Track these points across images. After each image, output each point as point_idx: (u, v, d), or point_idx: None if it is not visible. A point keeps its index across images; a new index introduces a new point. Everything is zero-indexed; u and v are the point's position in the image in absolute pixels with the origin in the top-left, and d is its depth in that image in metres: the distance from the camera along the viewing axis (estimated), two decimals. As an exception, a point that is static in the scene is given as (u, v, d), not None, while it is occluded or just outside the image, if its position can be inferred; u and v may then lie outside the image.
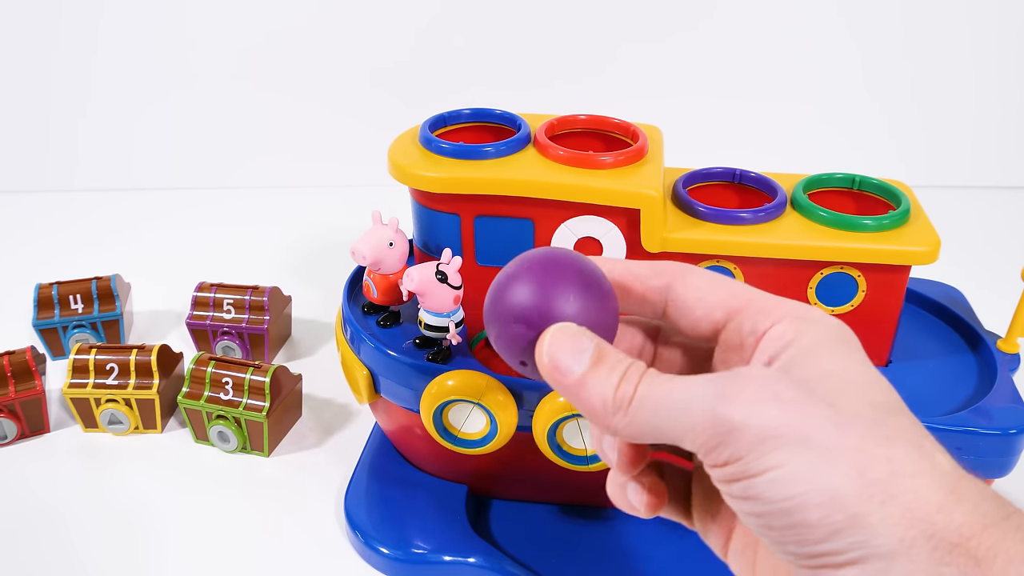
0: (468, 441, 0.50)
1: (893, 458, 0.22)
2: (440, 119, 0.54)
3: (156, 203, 1.04)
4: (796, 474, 0.22)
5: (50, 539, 0.55)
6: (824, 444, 0.22)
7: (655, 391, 0.25)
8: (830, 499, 0.22)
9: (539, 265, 0.26)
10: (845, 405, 0.23)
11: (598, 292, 0.26)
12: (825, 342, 0.25)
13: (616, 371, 0.25)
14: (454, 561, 0.51)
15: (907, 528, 0.22)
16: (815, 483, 0.22)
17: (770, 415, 0.23)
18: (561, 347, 0.25)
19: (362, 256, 0.50)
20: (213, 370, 0.62)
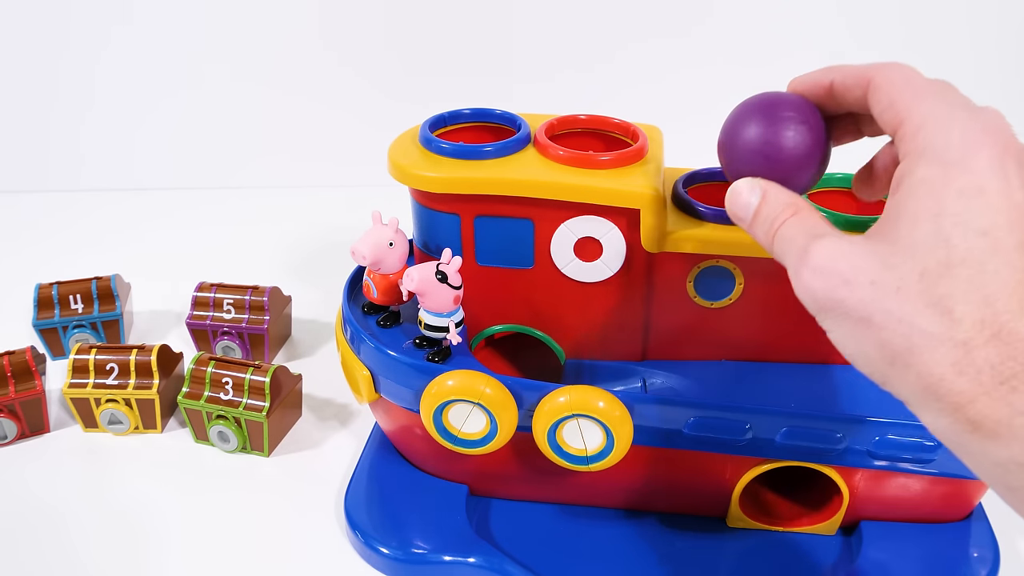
0: (468, 441, 0.50)
1: (917, 329, 0.28)
2: (440, 119, 0.54)
3: (156, 203, 1.04)
4: (840, 339, 0.31)
5: (50, 539, 0.55)
6: (863, 317, 0.29)
7: (781, 235, 0.34)
8: (865, 360, 0.30)
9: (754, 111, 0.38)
10: (895, 273, 0.29)
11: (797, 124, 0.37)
12: (929, 190, 0.29)
13: (766, 222, 0.35)
14: (454, 561, 0.51)
15: (922, 390, 0.28)
16: (852, 348, 0.31)
17: (822, 293, 0.31)
18: (734, 203, 0.36)
19: (362, 256, 0.50)
20: (213, 370, 0.62)
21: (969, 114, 0.30)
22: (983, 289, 0.27)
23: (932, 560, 0.50)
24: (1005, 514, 0.55)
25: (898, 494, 0.51)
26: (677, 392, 0.52)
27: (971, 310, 0.27)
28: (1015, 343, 0.26)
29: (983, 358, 0.26)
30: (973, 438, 0.27)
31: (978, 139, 0.29)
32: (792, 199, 0.34)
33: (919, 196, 0.29)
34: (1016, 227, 0.27)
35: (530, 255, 0.50)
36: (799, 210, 0.33)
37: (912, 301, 0.28)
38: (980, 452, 0.27)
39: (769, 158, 0.36)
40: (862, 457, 0.49)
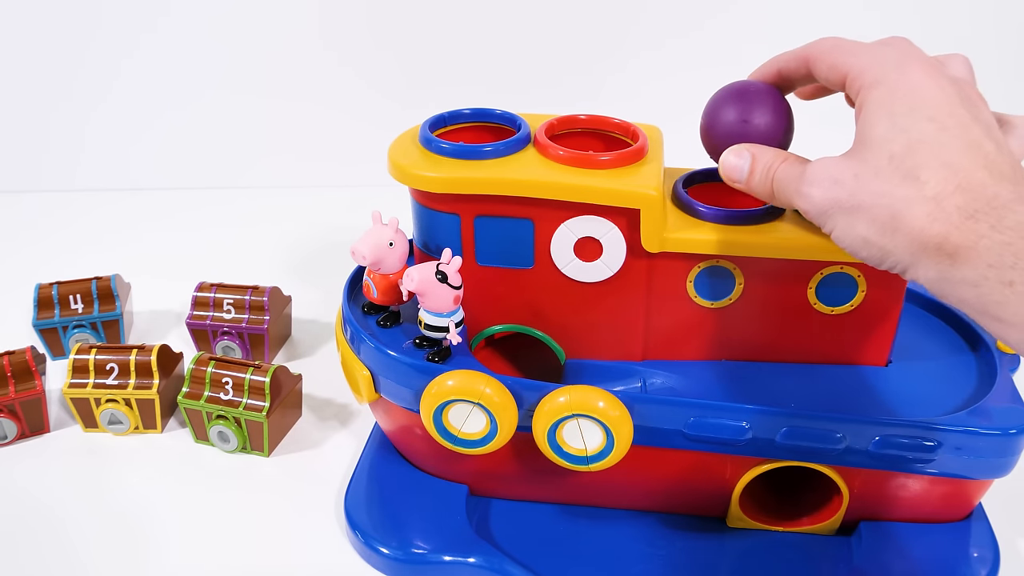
0: (468, 441, 0.50)
1: (896, 198, 0.35)
2: (440, 119, 0.54)
3: (156, 203, 1.04)
4: (842, 233, 0.37)
5: (50, 539, 0.55)
6: (854, 205, 0.36)
7: (780, 175, 0.40)
8: (864, 243, 0.36)
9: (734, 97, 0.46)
10: (871, 164, 0.36)
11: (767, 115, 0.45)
12: (880, 103, 0.37)
13: (761, 172, 0.41)
14: (454, 561, 0.51)
15: (912, 246, 0.34)
16: (851, 237, 0.36)
17: (820, 197, 0.37)
18: (728, 165, 0.43)
19: (362, 256, 0.50)
20: (213, 370, 0.62)
21: (892, 48, 0.38)
22: (941, 157, 0.34)
23: (932, 560, 0.50)
24: (1005, 514, 0.55)
25: (898, 494, 0.51)
26: (677, 392, 0.52)
27: (935, 173, 0.34)
28: (974, 188, 0.33)
29: (952, 205, 0.33)
30: (952, 267, 0.33)
31: (906, 59, 0.37)
32: (777, 151, 0.41)
33: (875, 109, 0.36)
34: (954, 111, 0.35)
35: (530, 255, 0.50)
36: (787, 157, 0.41)
37: (888, 179, 0.35)
38: (960, 279, 0.33)
39: (744, 133, 0.45)
40: (862, 457, 0.48)
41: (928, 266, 0.34)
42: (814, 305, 0.50)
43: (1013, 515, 0.56)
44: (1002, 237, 0.32)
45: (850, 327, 0.51)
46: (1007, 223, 0.32)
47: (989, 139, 0.35)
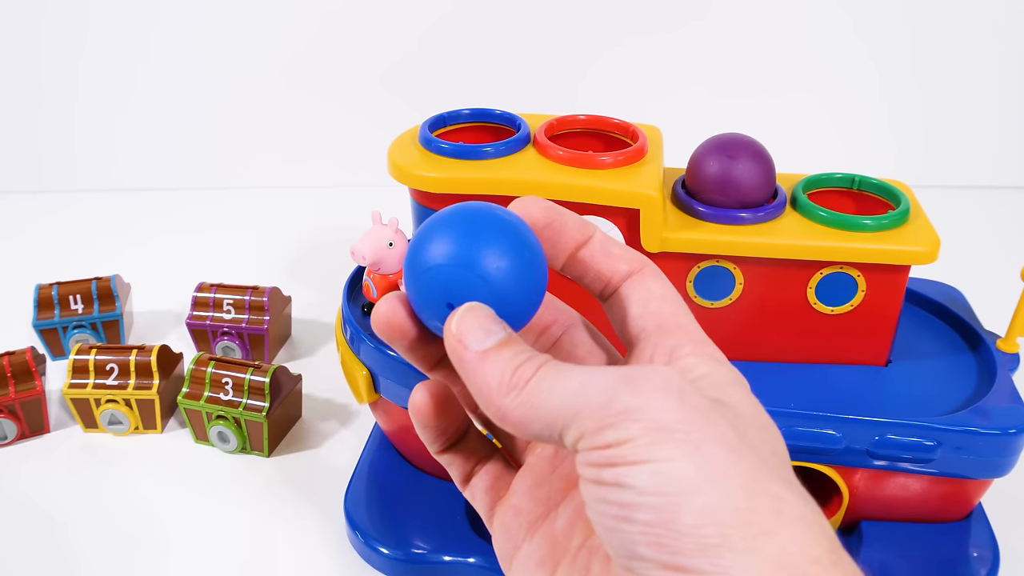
0: (468, 441, 0.50)
1: (782, 499, 0.22)
2: (440, 119, 0.54)
3: (156, 203, 1.04)
4: (681, 473, 0.21)
5: (50, 539, 0.55)
6: (717, 458, 0.21)
7: (553, 374, 0.23)
8: (707, 511, 0.21)
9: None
10: (746, 433, 0.23)
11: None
12: (734, 384, 0.25)
13: (521, 355, 0.24)
14: (454, 561, 0.51)
15: (775, 572, 0.20)
16: (697, 489, 0.21)
17: (671, 408, 0.22)
18: (471, 324, 0.24)
19: (362, 256, 0.50)
20: (213, 370, 0.62)
21: None
22: None
23: (932, 560, 0.50)
24: (1005, 514, 0.55)
25: (898, 494, 0.51)
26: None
27: None
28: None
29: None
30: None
31: (723, 359, 0.26)
32: (528, 354, 0.25)
33: None
34: None
35: (530, 255, 0.50)
36: (541, 365, 0.24)
37: None
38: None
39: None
40: (862, 457, 0.48)
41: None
42: (814, 305, 0.50)
43: (1013, 515, 0.56)
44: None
45: (850, 327, 0.51)
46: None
47: None
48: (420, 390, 0.27)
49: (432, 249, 0.24)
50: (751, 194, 0.49)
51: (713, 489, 0.21)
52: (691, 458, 0.21)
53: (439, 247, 0.24)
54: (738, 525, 0.21)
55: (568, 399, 0.23)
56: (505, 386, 0.23)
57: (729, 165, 0.49)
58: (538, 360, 0.24)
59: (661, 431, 0.21)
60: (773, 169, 0.50)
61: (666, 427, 0.21)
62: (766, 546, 0.21)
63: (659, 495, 0.21)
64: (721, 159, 0.49)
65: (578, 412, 0.22)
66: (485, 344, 0.24)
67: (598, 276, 0.28)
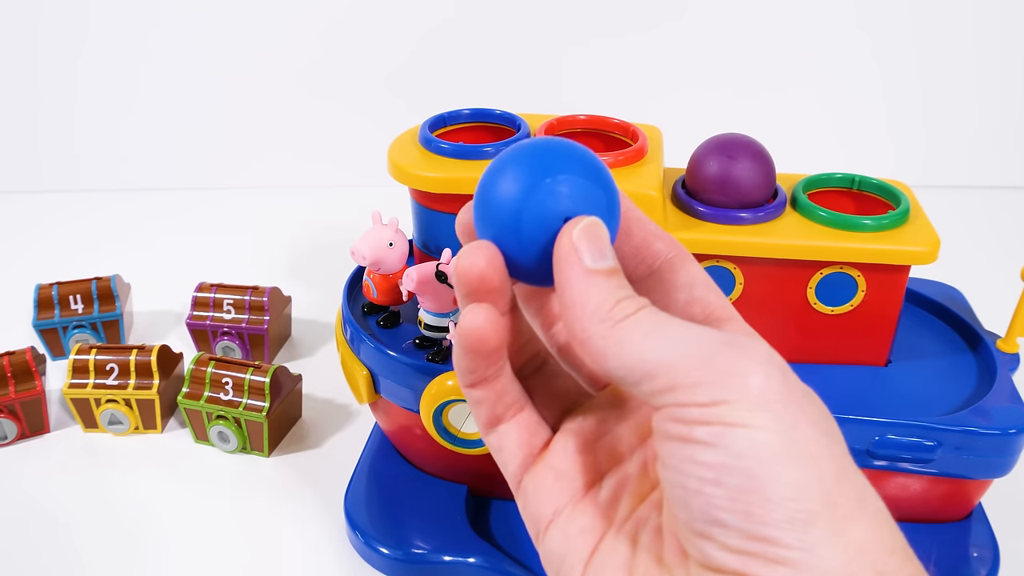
0: (468, 441, 0.50)
1: (866, 490, 0.22)
2: (440, 119, 0.54)
3: (156, 204, 1.04)
4: (779, 445, 0.21)
5: (50, 539, 0.55)
6: (812, 439, 0.21)
7: (654, 319, 0.23)
8: (800, 486, 0.21)
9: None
10: (832, 427, 0.23)
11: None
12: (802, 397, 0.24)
13: (625, 289, 0.23)
14: (454, 561, 0.51)
15: (856, 557, 0.21)
16: (793, 463, 0.21)
17: (775, 381, 0.21)
18: (591, 238, 0.23)
19: (362, 256, 0.50)
20: (213, 370, 0.62)
21: None
22: None
23: (932, 560, 0.50)
24: (1005, 514, 0.55)
25: (898, 494, 0.51)
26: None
27: None
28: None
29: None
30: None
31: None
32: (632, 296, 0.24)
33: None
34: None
35: (530, 255, 0.50)
36: (637, 305, 0.24)
37: None
38: None
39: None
40: (862, 457, 0.49)
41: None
42: (814, 305, 0.50)
43: (1013, 515, 0.56)
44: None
45: (850, 327, 0.51)
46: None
47: None
48: (480, 311, 0.24)
49: (539, 166, 0.24)
50: (751, 194, 0.49)
51: (807, 467, 0.21)
52: (788, 433, 0.21)
53: (546, 164, 0.24)
54: (827, 506, 0.21)
55: (664, 348, 0.22)
56: (602, 312, 0.23)
57: (729, 165, 0.49)
58: (640, 301, 0.23)
59: (763, 399, 0.21)
60: (773, 169, 0.50)
61: (767, 398, 0.21)
62: (850, 530, 0.21)
63: (756, 461, 0.21)
64: (721, 159, 0.49)
65: (675, 364, 0.22)
66: (599, 264, 0.23)
67: (636, 252, 0.26)
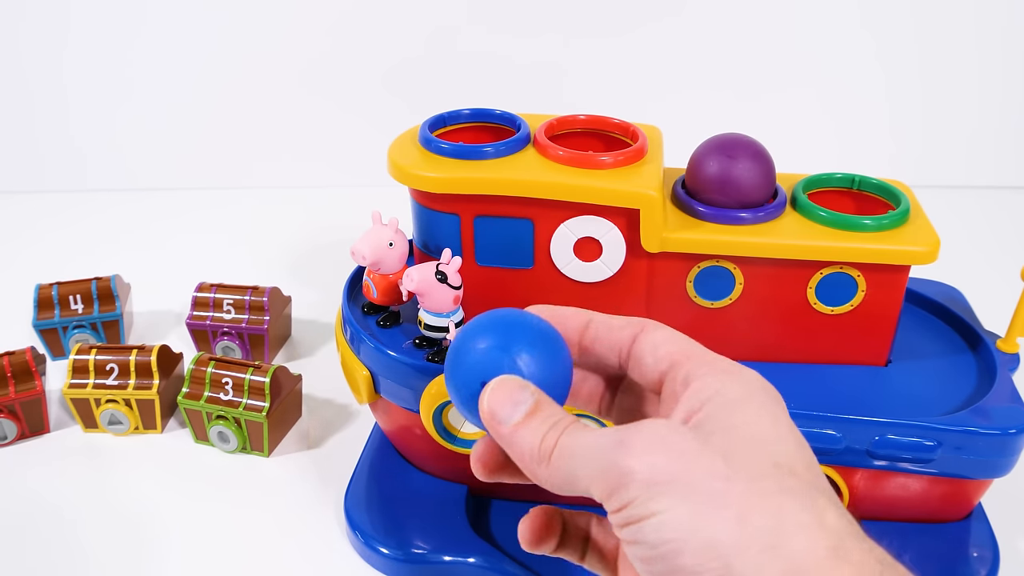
0: (468, 441, 0.50)
1: (779, 512, 0.23)
2: (440, 119, 0.54)
3: (156, 204, 1.04)
4: (676, 520, 0.23)
5: (50, 539, 0.55)
6: (707, 492, 0.23)
7: (572, 441, 0.26)
8: (706, 547, 0.22)
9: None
10: (741, 458, 0.24)
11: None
12: (745, 398, 0.26)
13: (546, 423, 0.26)
14: (454, 561, 0.51)
15: (792, 570, 0.22)
16: (693, 530, 0.23)
17: (658, 462, 0.24)
18: (500, 398, 0.27)
19: (362, 256, 0.50)
20: (213, 370, 0.62)
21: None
22: None
23: (932, 560, 0.50)
24: (1005, 514, 0.55)
25: (898, 494, 0.51)
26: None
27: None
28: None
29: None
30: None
31: (735, 368, 0.28)
32: (563, 410, 0.27)
33: (727, 410, 0.26)
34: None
35: (530, 255, 0.50)
36: (575, 420, 0.27)
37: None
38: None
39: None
40: (862, 457, 0.48)
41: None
42: (814, 305, 0.50)
43: (1013, 515, 0.56)
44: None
45: (850, 327, 0.51)
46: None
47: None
48: (524, 524, 0.32)
49: (464, 342, 0.28)
50: (751, 194, 0.49)
51: (708, 525, 0.23)
52: (685, 502, 0.23)
53: (470, 340, 0.28)
54: (738, 552, 0.22)
55: (584, 465, 0.25)
56: (536, 455, 0.26)
57: (729, 165, 0.49)
58: (561, 426, 0.26)
59: (655, 485, 0.23)
60: (773, 169, 0.50)
61: (658, 481, 0.23)
62: (771, 562, 0.22)
63: (665, 544, 0.23)
64: (721, 159, 0.49)
65: (591, 479, 0.25)
66: (514, 417, 0.26)
67: (611, 349, 0.30)
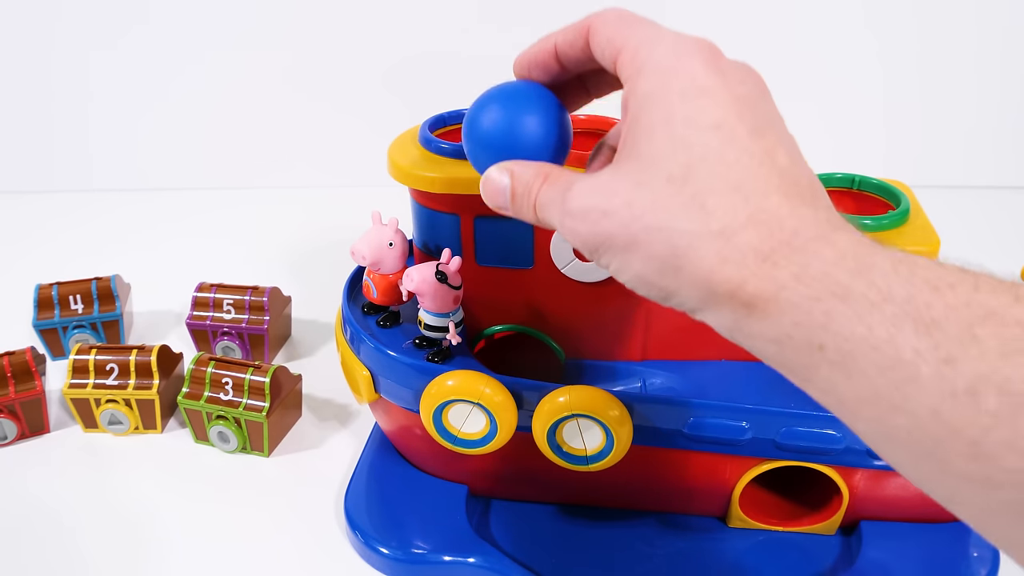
0: (468, 441, 0.50)
1: (677, 232, 0.28)
2: (440, 119, 0.54)
3: (156, 204, 1.04)
4: (618, 270, 0.30)
5: (50, 540, 0.55)
6: (628, 241, 0.29)
7: (541, 200, 0.33)
8: (642, 283, 0.30)
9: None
10: (647, 189, 0.29)
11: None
12: (654, 101, 0.30)
13: (523, 194, 0.34)
14: (454, 561, 0.51)
15: (699, 290, 0.28)
16: (628, 274, 0.30)
17: (588, 233, 0.31)
18: (489, 192, 0.35)
19: (362, 256, 0.50)
20: (213, 370, 0.62)
21: (676, 34, 0.31)
22: (728, 178, 0.28)
23: (932, 560, 0.50)
24: (1005, 514, 0.55)
25: (898, 494, 0.51)
26: (677, 392, 0.52)
27: (722, 200, 0.27)
28: (768, 220, 0.27)
29: (744, 242, 0.27)
30: (751, 321, 0.27)
31: (689, 48, 0.30)
32: (539, 168, 0.34)
33: (648, 109, 0.29)
34: (744, 116, 0.29)
35: (530, 255, 0.50)
36: (549, 174, 0.33)
37: (666, 208, 0.28)
38: (759, 334, 0.27)
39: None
40: (862, 457, 0.49)
41: (721, 313, 0.28)
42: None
43: (1013, 515, 0.56)
44: (808, 291, 0.26)
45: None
46: (812, 272, 0.26)
47: (782, 146, 0.29)
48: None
49: (468, 135, 0.37)
50: None
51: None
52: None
53: (478, 106, 0.37)
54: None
55: (550, 215, 0.34)
56: (533, 219, 0.35)
57: None
58: (534, 191, 0.34)
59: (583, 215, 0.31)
60: None
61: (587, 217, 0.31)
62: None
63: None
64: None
65: (555, 222, 0.33)
66: (504, 202, 0.35)
67: (573, 47, 0.35)
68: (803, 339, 0.26)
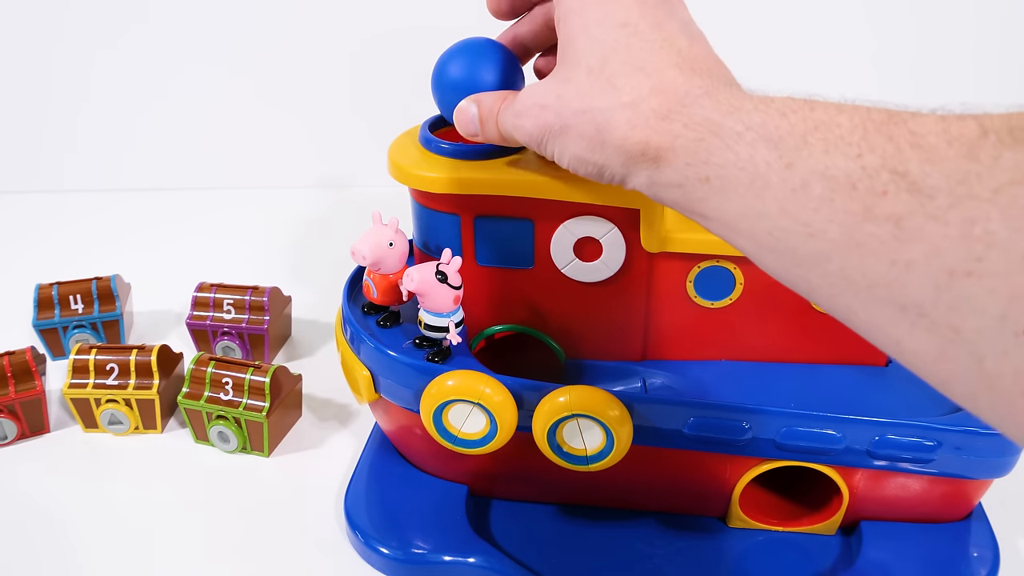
0: (468, 441, 0.50)
1: (597, 110, 0.35)
2: (440, 119, 0.54)
3: (156, 203, 1.04)
4: (561, 156, 0.38)
5: (50, 540, 0.55)
6: (562, 126, 0.37)
7: (501, 117, 0.41)
8: (580, 162, 0.37)
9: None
10: (572, 82, 0.36)
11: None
12: (574, 14, 0.37)
13: (488, 118, 0.42)
14: (454, 561, 0.51)
15: (621, 157, 0.35)
16: (568, 157, 0.37)
17: (532, 126, 0.38)
18: (461, 122, 0.44)
19: (362, 256, 0.50)
20: (213, 370, 0.62)
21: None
22: (634, 61, 0.34)
23: (932, 560, 0.50)
24: (1005, 514, 0.55)
25: (898, 494, 0.51)
26: (677, 392, 0.52)
27: (629, 79, 0.34)
28: (667, 89, 0.33)
29: (648, 108, 0.33)
30: (658, 170, 0.33)
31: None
32: (500, 93, 0.42)
33: (570, 21, 0.36)
34: (646, 13, 0.35)
35: (530, 255, 0.50)
36: (506, 96, 0.41)
37: (588, 93, 0.35)
38: (666, 182, 0.33)
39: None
40: (862, 457, 0.49)
41: (639, 173, 0.34)
42: (814, 305, 0.50)
43: (1013, 515, 0.56)
44: (693, 134, 0.32)
45: (850, 327, 0.51)
46: (696, 119, 0.32)
47: (683, 35, 0.36)
48: None
49: (437, 81, 0.47)
50: None
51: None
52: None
53: (439, 79, 0.47)
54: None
55: (511, 128, 0.41)
56: (498, 138, 0.43)
57: None
58: (495, 111, 0.42)
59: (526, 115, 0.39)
60: None
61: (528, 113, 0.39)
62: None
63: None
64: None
65: (515, 134, 0.41)
66: (474, 129, 0.43)
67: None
68: (695, 176, 0.32)
